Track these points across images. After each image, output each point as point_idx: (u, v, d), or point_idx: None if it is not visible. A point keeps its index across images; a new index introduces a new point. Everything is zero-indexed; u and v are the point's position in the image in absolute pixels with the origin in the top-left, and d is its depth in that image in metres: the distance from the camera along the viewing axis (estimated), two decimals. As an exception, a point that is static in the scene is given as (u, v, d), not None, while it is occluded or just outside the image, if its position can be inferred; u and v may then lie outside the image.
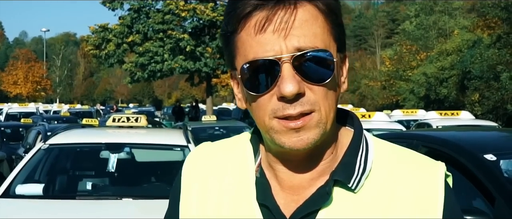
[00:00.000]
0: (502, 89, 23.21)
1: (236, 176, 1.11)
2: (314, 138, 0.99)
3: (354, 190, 1.03)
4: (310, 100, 0.97)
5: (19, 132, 16.65)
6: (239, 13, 0.99)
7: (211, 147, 1.20)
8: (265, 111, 0.99)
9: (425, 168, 1.07)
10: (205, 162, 1.17)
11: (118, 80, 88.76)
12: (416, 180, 1.04)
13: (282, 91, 0.95)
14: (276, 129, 0.99)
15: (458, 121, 12.51)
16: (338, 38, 1.03)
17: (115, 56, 26.10)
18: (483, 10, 28.10)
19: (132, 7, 25.94)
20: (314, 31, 0.98)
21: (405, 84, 39.90)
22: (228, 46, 1.04)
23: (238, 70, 1.02)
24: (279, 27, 0.96)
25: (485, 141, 4.47)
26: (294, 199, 1.05)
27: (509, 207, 3.22)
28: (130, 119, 6.86)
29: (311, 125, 0.98)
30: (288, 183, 1.07)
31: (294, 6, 0.97)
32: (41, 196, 5.01)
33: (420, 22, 45.37)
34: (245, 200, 1.08)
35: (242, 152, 1.14)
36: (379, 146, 1.10)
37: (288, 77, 0.95)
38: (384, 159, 1.08)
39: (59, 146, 5.79)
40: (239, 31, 1.00)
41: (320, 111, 0.98)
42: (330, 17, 1.01)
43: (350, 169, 1.04)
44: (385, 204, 1.02)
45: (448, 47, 33.46)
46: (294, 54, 0.96)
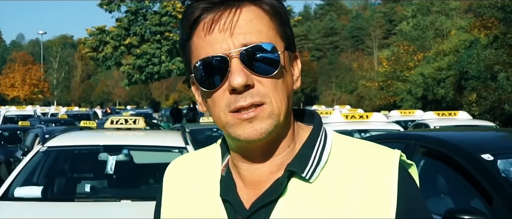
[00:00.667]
0: (499, 89, 23.22)
1: (207, 177, 1.19)
2: (268, 128, 1.05)
3: (309, 180, 1.07)
4: (260, 92, 1.04)
5: (17, 135, 16.63)
6: (189, 19, 1.07)
7: (190, 156, 1.30)
8: (220, 107, 1.06)
9: (380, 157, 1.10)
10: (182, 169, 1.26)
11: (115, 82, 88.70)
12: (370, 169, 1.08)
13: (231, 83, 1.02)
14: (231, 123, 1.05)
15: (455, 121, 12.52)
16: (285, 38, 1.10)
17: (112, 58, 26.10)
18: (479, 11, 28.12)
19: (129, 9, 25.95)
20: (259, 29, 1.05)
21: (403, 85, 39.92)
22: (184, 53, 1.12)
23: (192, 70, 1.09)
24: (224, 27, 1.04)
25: (483, 141, 4.48)
26: (255, 193, 1.11)
27: (506, 207, 3.23)
28: (128, 121, 6.86)
29: (263, 116, 1.04)
30: (249, 179, 1.12)
31: (238, 7, 1.05)
32: (39, 199, 5.01)
33: (417, 22, 45.39)
34: (211, 198, 1.15)
35: (214, 156, 1.22)
36: (338, 140, 1.14)
37: (236, 70, 1.02)
38: (342, 151, 1.12)
39: (58, 148, 5.79)
40: (191, 36, 1.08)
41: (272, 103, 1.05)
42: (275, 17, 1.08)
43: (305, 160, 1.09)
44: (341, 193, 1.06)
45: (445, 48, 33.49)
46: (241, 49, 1.03)
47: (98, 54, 26.32)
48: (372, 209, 1.04)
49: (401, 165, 1.10)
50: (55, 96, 79.61)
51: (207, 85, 1.07)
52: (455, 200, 3.98)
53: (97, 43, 26.13)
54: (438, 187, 4.28)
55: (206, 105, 1.13)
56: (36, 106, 44.74)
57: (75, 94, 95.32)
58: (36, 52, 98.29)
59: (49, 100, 77.85)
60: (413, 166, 1.14)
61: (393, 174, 1.07)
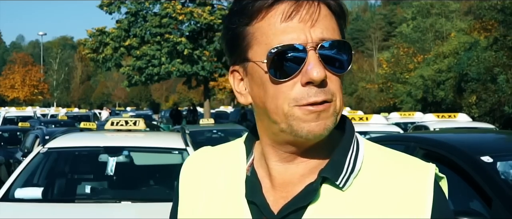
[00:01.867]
0: (499, 91, 23.25)
1: (228, 176, 1.14)
2: (330, 125, 1.02)
3: (342, 188, 1.04)
4: (331, 90, 1.01)
5: (17, 136, 16.63)
6: (262, 4, 1.02)
7: (208, 151, 1.24)
8: (285, 99, 1.01)
9: (415, 169, 1.07)
10: (201, 165, 1.20)
11: (115, 84, 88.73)
12: (405, 181, 1.05)
13: (311, 75, 0.98)
14: (297, 115, 1.01)
15: (455, 123, 12.53)
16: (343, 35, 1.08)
17: (112, 59, 26.07)
18: (479, 13, 28.18)
19: (130, 11, 25.92)
20: (332, 26, 1.04)
21: (402, 87, 39.97)
22: (238, 39, 1.06)
23: (255, 59, 1.04)
24: (306, 17, 1.00)
25: (482, 143, 4.48)
26: (283, 195, 1.07)
27: (506, 209, 3.24)
28: (129, 123, 6.86)
29: (328, 113, 1.02)
30: (279, 179, 1.09)
31: (318, 2, 1.03)
32: (40, 200, 5.02)
33: (417, 24, 45.47)
34: (234, 198, 1.10)
35: (236, 153, 1.17)
36: (369, 148, 1.11)
37: (315, 63, 0.99)
38: (374, 160, 1.09)
39: (58, 149, 5.80)
40: (259, 20, 1.03)
41: (336, 102, 1.03)
42: (339, 18, 1.07)
43: (339, 167, 1.05)
44: (373, 204, 1.02)
45: (445, 50, 33.55)
46: (319, 42, 1.00)
47: (98, 55, 26.30)
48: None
49: (435, 181, 1.07)
50: (55, 97, 79.59)
51: (278, 74, 1.01)
52: (454, 202, 3.99)
53: (97, 45, 26.10)
54: (437, 189, 4.28)
55: (259, 96, 1.07)
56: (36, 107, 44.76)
57: (75, 96, 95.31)
58: (36, 53, 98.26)
59: (49, 101, 77.83)
60: (444, 179, 1.11)
61: (428, 189, 1.04)
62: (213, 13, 25.44)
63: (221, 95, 63.79)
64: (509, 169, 3.75)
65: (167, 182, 5.75)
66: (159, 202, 4.98)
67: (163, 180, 5.90)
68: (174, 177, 6.29)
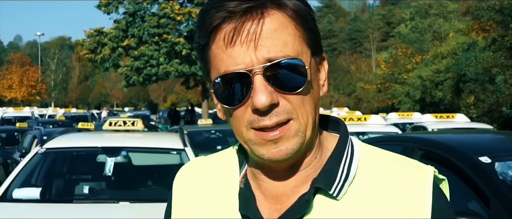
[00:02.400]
0: (497, 92, 23.28)
1: (222, 188, 1.10)
2: (293, 147, 0.97)
3: (337, 198, 1.00)
4: (286, 109, 0.96)
5: (15, 137, 16.61)
6: (208, 27, 0.97)
7: (202, 161, 1.20)
8: (241, 123, 0.98)
9: (413, 172, 1.03)
10: (194, 175, 1.16)
11: (113, 84, 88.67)
12: (403, 185, 1.01)
13: (255, 103, 0.93)
14: (254, 140, 0.97)
15: (453, 124, 12.54)
16: (311, 43, 1.01)
17: (110, 60, 26.07)
18: (478, 13, 28.21)
19: (127, 11, 25.92)
20: (284, 40, 0.96)
21: (401, 87, 40.01)
22: (202, 58, 1.03)
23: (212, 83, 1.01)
24: (247, 39, 0.94)
25: (480, 143, 4.49)
26: (278, 208, 1.03)
27: (504, 209, 3.24)
28: (127, 123, 6.85)
29: (289, 135, 0.96)
30: (272, 192, 1.05)
31: (262, 15, 0.95)
32: (38, 200, 5.01)
33: (415, 25, 45.52)
34: (228, 212, 1.06)
35: (229, 164, 1.13)
36: (365, 152, 1.07)
37: (259, 89, 0.93)
38: (370, 165, 1.05)
39: (56, 150, 5.79)
40: (210, 44, 0.99)
41: (298, 119, 0.97)
42: (300, 23, 0.98)
43: (332, 176, 1.01)
44: (370, 211, 0.99)
45: (443, 50, 33.59)
46: (265, 65, 0.94)
47: (96, 55, 26.29)
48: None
49: (435, 183, 1.03)
50: (52, 97, 79.58)
51: (228, 101, 0.98)
52: (452, 202, 3.97)
53: (95, 45, 26.10)
54: (436, 189, 4.28)
55: (225, 116, 1.04)
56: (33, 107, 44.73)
57: (73, 96, 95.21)
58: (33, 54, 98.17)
59: (46, 101, 77.84)
60: (445, 181, 1.07)
61: (427, 193, 1.00)
62: (211, 14, 25.39)
63: (219, 95, 63.67)
64: (507, 170, 3.75)
65: (165, 183, 5.74)
66: (157, 203, 4.97)
67: (161, 181, 5.89)
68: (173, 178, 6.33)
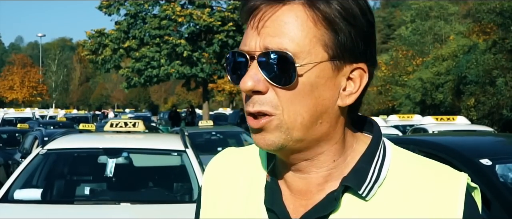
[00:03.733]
0: (497, 94, 23.27)
1: (249, 180, 1.11)
2: (275, 141, 0.97)
3: (365, 198, 0.99)
4: (272, 102, 0.95)
5: (16, 138, 16.63)
6: (244, 7, 1.01)
7: (233, 152, 1.20)
8: None
9: (445, 179, 1.01)
10: (224, 168, 1.17)
11: (114, 85, 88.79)
12: (434, 191, 0.99)
13: (241, 84, 0.96)
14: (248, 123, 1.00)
15: (454, 126, 12.54)
16: (333, 46, 0.95)
17: (111, 61, 26.08)
18: (478, 16, 28.21)
19: (129, 12, 25.93)
20: (292, 34, 0.94)
21: (401, 89, 39.99)
22: None
23: None
24: (255, 24, 0.97)
25: (481, 146, 4.49)
26: (303, 204, 1.03)
27: (505, 211, 3.25)
28: (128, 124, 6.86)
29: (270, 128, 0.96)
30: (295, 187, 1.04)
31: (282, 5, 0.95)
32: (39, 201, 5.02)
33: (416, 27, 45.55)
34: (254, 204, 1.07)
35: (258, 157, 1.14)
36: (397, 155, 1.05)
37: (249, 72, 0.95)
38: (401, 168, 1.03)
39: (57, 151, 5.79)
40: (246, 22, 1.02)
41: (282, 116, 0.95)
42: (325, 24, 0.95)
43: (363, 176, 1.00)
44: (397, 215, 0.97)
45: (444, 53, 33.59)
46: (261, 51, 0.95)
47: (97, 57, 26.30)
48: None
49: (467, 191, 1.00)
50: (53, 98, 79.56)
51: (233, 78, 1.02)
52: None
53: (96, 46, 26.10)
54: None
55: None
56: (34, 108, 44.76)
57: (74, 97, 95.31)
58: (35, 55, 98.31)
59: (47, 102, 77.86)
60: (477, 189, 1.04)
61: (459, 201, 0.98)
62: (212, 15, 25.45)
63: (220, 97, 63.79)
64: (508, 172, 3.76)
65: (166, 184, 5.75)
66: (158, 204, 4.99)
67: (162, 182, 5.90)
68: (173, 179, 6.27)
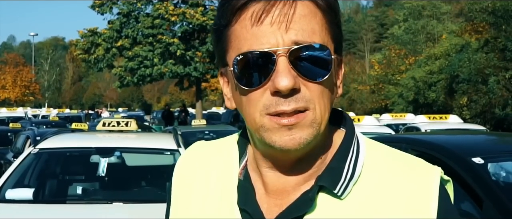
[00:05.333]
0: (490, 93, 23.34)
1: (221, 178, 1.07)
2: (307, 138, 0.94)
3: (341, 197, 0.97)
4: (305, 97, 0.93)
5: (8, 137, 16.53)
6: (234, 4, 0.95)
7: (202, 148, 1.17)
8: (256, 107, 0.94)
9: (419, 172, 1.01)
10: (194, 163, 1.14)
11: (107, 85, 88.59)
12: (409, 185, 0.98)
13: (277, 84, 0.90)
14: (267, 126, 0.93)
15: (446, 125, 12.58)
16: (335, 39, 0.99)
17: (104, 60, 26.03)
18: (470, 15, 28.27)
19: (121, 12, 25.88)
20: (312, 27, 0.94)
21: (394, 88, 40.04)
22: (220, 41, 1.00)
23: (230, 64, 0.98)
24: (277, 20, 0.92)
25: (473, 144, 4.50)
26: (278, 203, 1.00)
27: (497, 210, 3.25)
28: (120, 123, 6.84)
29: (304, 124, 0.93)
30: (272, 187, 1.02)
31: (294, 0, 0.93)
32: (31, 201, 4.99)
33: (408, 26, 45.60)
34: (227, 204, 1.04)
35: (229, 153, 1.10)
36: (372, 149, 1.04)
37: (283, 70, 0.90)
38: (376, 163, 1.02)
39: (49, 150, 5.77)
40: (233, 23, 0.96)
41: (315, 110, 0.94)
42: (329, 15, 0.97)
43: (337, 175, 0.98)
44: (373, 212, 0.96)
45: (436, 51, 33.66)
46: (291, 47, 0.91)
47: (89, 56, 26.23)
48: None
49: (441, 184, 1.01)
50: (46, 98, 79.29)
51: (246, 82, 0.94)
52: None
53: (88, 45, 26.05)
54: (429, 190, 4.30)
55: (237, 103, 1.01)
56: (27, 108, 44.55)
57: (66, 96, 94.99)
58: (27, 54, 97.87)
59: (40, 102, 77.55)
60: (450, 182, 1.05)
61: (433, 195, 0.98)
62: (206, 14, 25.45)
63: (213, 96, 63.78)
64: (500, 171, 3.77)
65: (159, 183, 5.74)
66: (151, 203, 4.97)
67: (155, 181, 5.88)
68: (166, 178, 6.24)
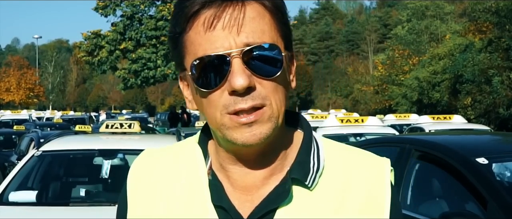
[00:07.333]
0: (494, 93, 23.28)
1: (188, 180, 1.10)
2: (267, 132, 0.99)
3: (310, 188, 1.04)
4: (261, 94, 0.99)
5: (12, 139, 16.57)
6: (187, 12, 1.00)
7: (157, 154, 1.19)
8: (216, 107, 1.00)
9: (373, 165, 1.10)
10: (152, 169, 1.15)
11: (111, 87, 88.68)
12: (365, 176, 1.08)
13: (233, 84, 0.96)
14: (228, 125, 0.99)
15: (450, 125, 12.55)
16: (284, 36, 1.05)
17: (107, 62, 26.08)
18: (474, 15, 28.22)
19: (125, 14, 25.94)
20: (261, 28, 1.00)
21: (398, 89, 40.00)
22: (176, 47, 1.05)
23: (188, 69, 1.03)
24: (229, 24, 0.97)
25: (477, 144, 4.48)
26: (248, 199, 1.05)
27: (501, 210, 3.24)
28: (124, 125, 6.84)
29: (263, 120, 0.99)
30: (240, 183, 1.07)
31: (242, 3, 0.99)
32: (34, 203, 4.99)
33: (412, 26, 45.52)
34: (199, 203, 1.06)
35: (191, 156, 1.13)
36: (327, 145, 1.12)
37: (238, 71, 0.96)
38: (334, 157, 1.10)
39: (52, 152, 5.77)
40: (187, 30, 1.01)
41: (272, 105, 1.00)
42: (276, 15, 1.03)
43: (306, 167, 1.05)
44: (339, 201, 1.04)
45: (440, 52, 33.58)
46: (243, 49, 0.97)
47: (93, 58, 26.31)
48: (370, 216, 1.04)
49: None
50: (50, 100, 79.44)
51: (205, 84, 1.00)
52: (450, 203, 3.99)
53: (92, 47, 26.11)
54: (433, 190, 4.29)
55: (198, 104, 1.07)
56: (31, 110, 44.67)
57: (70, 99, 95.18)
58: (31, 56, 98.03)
59: (44, 104, 77.78)
60: (393, 171, 1.13)
61: (386, 182, 1.08)
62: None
63: (216, 97, 63.71)
64: (504, 171, 3.75)
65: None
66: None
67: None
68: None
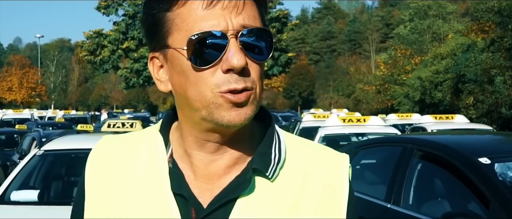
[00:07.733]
0: (496, 92, 23.27)
1: (147, 168, 1.09)
2: (250, 114, 1.01)
3: (270, 179, 1.06)
4: (252, 78, 1.01)
5: (14, 139, 16.60)
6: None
7: (116, 141, 1.18)
8: (208, 86, 0.99)
9: (332, 160, 1.13)
10: (110, 157, 1.14)
11: (113, 86, 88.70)
12: (325, 170, 1.10)
13: (231, 63, 0.97)
14: (218, 103, 0.99)
15: (452, 125, 12.53)
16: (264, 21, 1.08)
17: (109, 62, 26.12)
18: (476, 14, 28.20)
19: (127, 13, 25.97)
20: (254, 14, 1.03)
21: (400, 88, 39.99)
22: (157, 25, 1.04)
23: (174, 46, 1.02)
24: (229, 5, 0.99)
25: (480, 144, 4.48)
26: (208, 188, 1.06)
27: (503, 210, 3.23)
28: (125, 125, 6.85)
29: (250, 101, 1.01)
30: (203, 171, 1.07)
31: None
32: (36, 203, 5.00)
33: (414, 26, 45.51)
34: (158, 191, 1.06)
35: (152, 143, 1.13)
36: (289, 139, 1.14)
37: (236, 50, 0.98)
38: (295, 150, 1.12)
39: (54, 152, 5.78)
40: (179, 6, 1.01)
41: (256, 90, 1.02)
42: (261, 7, 1.07)
43: (267, 159, 1.06)
44: (298, 192, 1.06)
45: (442, 51, 33.56)
46: (240, 30, 0.99)
47: (95, 57, 26.35)
48: (327, 209, 1.07)
49: None
50: (52, 99, 79.50)
51: (199, 62, 1.00)
52: (452, 203, 3.98)
53: (94, 47, 26.14)
54: (435, 190, 4.28)
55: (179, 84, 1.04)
56: (33, 109, 44.70)
57: (72, 98, 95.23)
58: (33, 56, 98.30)
59: (46, 103, 77.87)
60: (350, 167, 1.17)
61: (344, 177, 1.11)
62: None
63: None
64: (507, 171, 3.74)
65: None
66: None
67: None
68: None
